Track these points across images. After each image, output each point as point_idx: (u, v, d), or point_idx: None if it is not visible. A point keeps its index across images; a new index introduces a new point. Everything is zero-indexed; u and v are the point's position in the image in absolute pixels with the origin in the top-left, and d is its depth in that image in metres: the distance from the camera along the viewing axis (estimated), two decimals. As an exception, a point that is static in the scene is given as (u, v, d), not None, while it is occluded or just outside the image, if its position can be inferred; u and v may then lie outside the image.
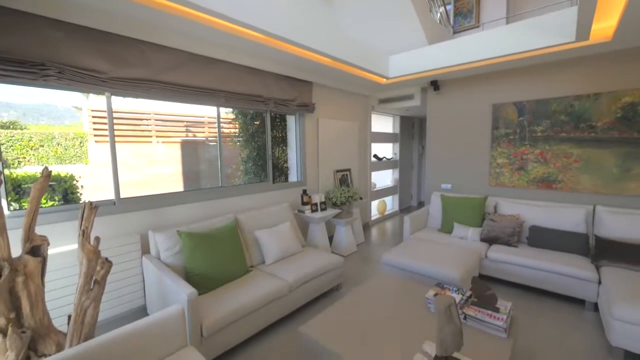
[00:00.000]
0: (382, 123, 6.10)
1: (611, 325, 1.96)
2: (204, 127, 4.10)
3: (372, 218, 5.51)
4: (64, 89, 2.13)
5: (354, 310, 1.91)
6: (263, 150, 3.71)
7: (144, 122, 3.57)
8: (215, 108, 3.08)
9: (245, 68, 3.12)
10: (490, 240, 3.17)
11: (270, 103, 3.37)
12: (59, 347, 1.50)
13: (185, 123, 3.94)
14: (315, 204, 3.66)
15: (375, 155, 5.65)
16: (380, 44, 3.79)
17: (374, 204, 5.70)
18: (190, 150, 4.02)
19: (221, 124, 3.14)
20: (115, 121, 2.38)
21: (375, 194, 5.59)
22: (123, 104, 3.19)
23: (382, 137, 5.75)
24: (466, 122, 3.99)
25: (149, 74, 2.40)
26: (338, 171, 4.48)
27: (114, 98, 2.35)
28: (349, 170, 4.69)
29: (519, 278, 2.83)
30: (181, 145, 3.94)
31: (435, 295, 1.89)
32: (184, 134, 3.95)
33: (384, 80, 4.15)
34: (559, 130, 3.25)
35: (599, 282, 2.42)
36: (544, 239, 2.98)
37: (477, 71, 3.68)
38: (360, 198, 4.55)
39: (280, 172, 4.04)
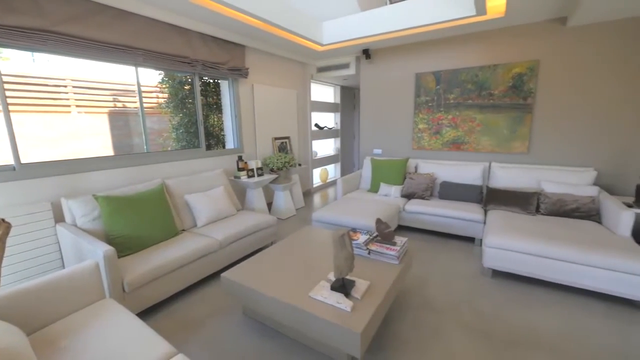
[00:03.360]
0: (323, 92, 6.21)
1: (485, 251, 2.45)
2: (135, 97, 3.75)
3: (314, 185, 5.76)
4: None
5: (275, 257, 2.10)
6: (195, 117, 3.59)
7: (61, 89, 3.12)
8: (134, 68, 2.87)
9: (167, 25, 2.93)
10: (408, 195, 3.60)
11: (197, 65, 3.23)
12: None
13: (112, 92, 3.54)
14: (252, 170, 3.73)
15: (316, 125, 5.79)
16: (314, 10, 3.80)
17: (316, 172, 5.94)
18: (121, 122, 3.65)
19: (154, 92, 2.95)
20: (19, 87, 2.21)
21: (317, 162, 5.80)
22: (31, 68, 2.74)
23: (323, 107, 5.89)
24: (394, 90, 4.29)
25: (44, 24, 2.14)
26: (277, 139, 4.54)
27: (18, 59, 2.11)
28: (288, 138, 4.78)
29: (429, 225, 3.31)
30: (109, 116, 3.57)
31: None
32: (111, 104, 3.56)
33: (320, 47, 4.20)
34: (466, 97, 3.70)
35: (485, 222, 2.96)
36: (450, 192, 3.49)
37: (403, 41, 3.93)
38: (299, 164, 4.71)
39: (217, 140, 3.97)
